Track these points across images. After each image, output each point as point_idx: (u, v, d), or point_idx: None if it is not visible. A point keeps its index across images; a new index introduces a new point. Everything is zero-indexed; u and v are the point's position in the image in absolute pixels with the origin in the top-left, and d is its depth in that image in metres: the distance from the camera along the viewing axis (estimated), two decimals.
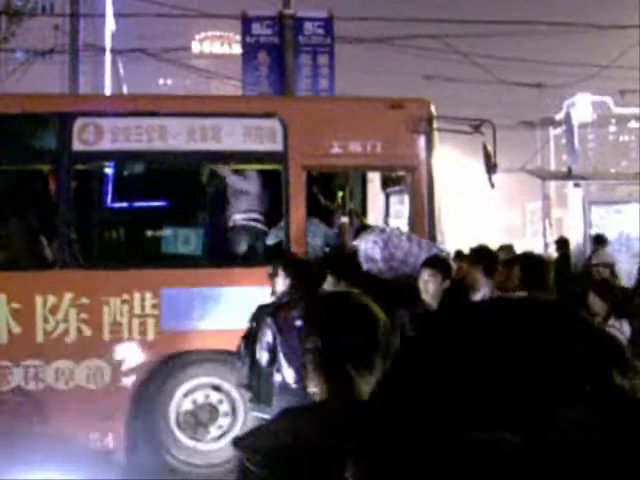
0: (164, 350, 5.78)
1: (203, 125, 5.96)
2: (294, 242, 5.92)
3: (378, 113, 6.13)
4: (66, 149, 5.82)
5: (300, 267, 4.72)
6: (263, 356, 4.30)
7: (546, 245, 26.56)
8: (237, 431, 5.78)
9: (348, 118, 6.12)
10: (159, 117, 5.96)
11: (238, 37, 13.80)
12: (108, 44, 14.43)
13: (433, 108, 6.31)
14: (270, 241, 6.21)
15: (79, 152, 5.85)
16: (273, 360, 4.24)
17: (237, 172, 6.31)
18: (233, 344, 4.95)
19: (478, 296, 5.18)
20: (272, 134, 5.98)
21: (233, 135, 5.97)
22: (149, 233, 6.77)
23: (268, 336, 4.24)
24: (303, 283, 4.48)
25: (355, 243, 5.66)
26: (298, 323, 3.99)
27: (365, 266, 5.26)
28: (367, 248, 5.38)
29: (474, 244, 5.86)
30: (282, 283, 4.60)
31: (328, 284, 4.57)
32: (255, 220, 6.34)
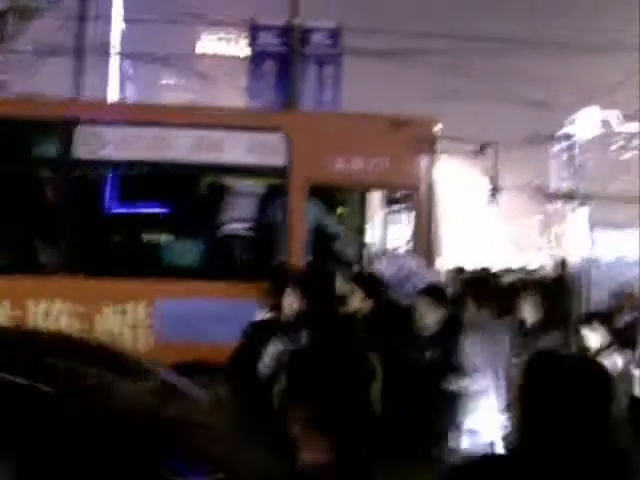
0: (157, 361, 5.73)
1: (207, 137, 5.93)
2: (293, 257, 5.88)
3: (383, 131, 6.09)
4: (67, 156, 5.80)
5: (314, 283, 4.68)
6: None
7: (545, 260, 26.54)
8: None
9: (353, 135, 6.09)
10: (163, 127, 5.92)
11: (245, 38, 13.80)
12: (114, 48, 14.41)
13: (439, 127, 6.27)
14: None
15: (80, 159, 5.83)
16: None
17: (240, 186, 6.26)
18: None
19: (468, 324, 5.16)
20: (276, 149, 5.95)
21: (237, 148, 5.94)
22: (147, 243, 6.72)
23: (284, 356, 4.16)
24: (317, 300, 4.44)
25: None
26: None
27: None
28: (379, 270, 5.35)
29: (474, 258, 5.91)
30: (292, 300, 4.54)
31: (355, 299, 4.55)
32: (255, 234, 6.29)
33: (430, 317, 4.63)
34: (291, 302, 4.62)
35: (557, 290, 7.84)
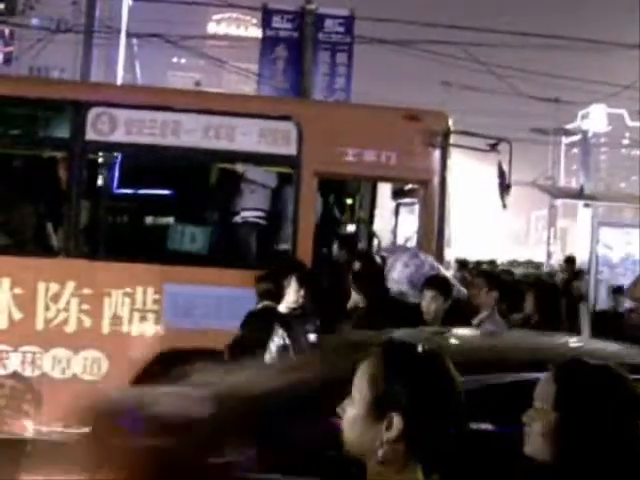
0: (162, 346, 5.76)
1: (218, 123, 5.91)
2: (301, 247, 5.88)
3: (395, 123, 6.06)
4: (79, 138, 5.79)
5: (316, 281, 4.69)
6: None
7: (549, 254, 26.46)
8: None
9: (364, 126, 6.06)
10: (174, 112, 5.91)
11: (255, 20, 13.72)
12: (124, 26, 14.32)
13: (450, 121, 6.24)
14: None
15: (91, 141, 5.82)
16: None
17: (249, 173, 6.25)
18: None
19: (481, 317, 5.16)
20: (286, 137, 5.93)
21: (247, 135, 5.92)
22: (157, 228, 6.72)
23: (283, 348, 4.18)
24: (318, 297, 4.46)
25: (386, 256, 5.63)
26: (312, 338, 4.01)
27: (388, 284, 5.22)
28: (395, 267, 5.33)
29: (477, 250, 5.93)
30: (294, 294, 4.57)
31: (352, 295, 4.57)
32: (263, 222, 6.28)
33: (433, 309, 4.64)
34: (296, 295, 4.63)
35: (565, 289, 7.85)
